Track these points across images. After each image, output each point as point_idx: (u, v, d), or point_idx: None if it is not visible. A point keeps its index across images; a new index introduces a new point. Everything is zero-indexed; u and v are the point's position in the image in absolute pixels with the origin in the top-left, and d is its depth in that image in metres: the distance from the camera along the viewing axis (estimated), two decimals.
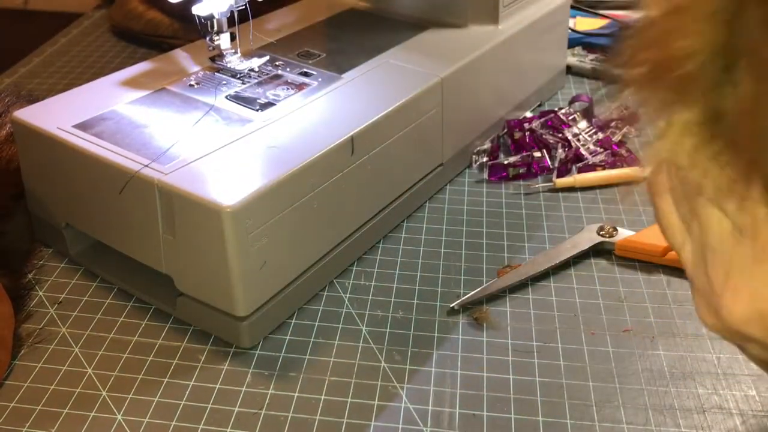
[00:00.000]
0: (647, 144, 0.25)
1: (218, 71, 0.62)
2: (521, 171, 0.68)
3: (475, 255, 0.59)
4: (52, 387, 0.48)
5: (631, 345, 0.50)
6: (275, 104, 0.57)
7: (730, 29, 0.22)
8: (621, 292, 0.55)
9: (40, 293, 0.56)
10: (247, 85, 0.60)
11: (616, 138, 0.71)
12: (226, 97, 0.58)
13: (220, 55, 0.62)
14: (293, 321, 0.53)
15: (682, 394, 0.47)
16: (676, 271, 0.56)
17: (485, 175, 0.68)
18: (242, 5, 0.60)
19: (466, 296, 0.54)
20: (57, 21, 1.07)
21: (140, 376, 0.49)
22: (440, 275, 0.57)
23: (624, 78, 0.26)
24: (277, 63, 0.63)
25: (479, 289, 0.54)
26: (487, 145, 0.70)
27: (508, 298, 0.55)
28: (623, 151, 0.69)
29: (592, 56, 0.89)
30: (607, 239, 0.58)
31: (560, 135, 0.71)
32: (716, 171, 0.24)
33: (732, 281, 0.25)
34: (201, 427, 0.45)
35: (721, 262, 0.25)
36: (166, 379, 0.48)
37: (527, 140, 0.70)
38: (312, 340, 0.51)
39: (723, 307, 0.25)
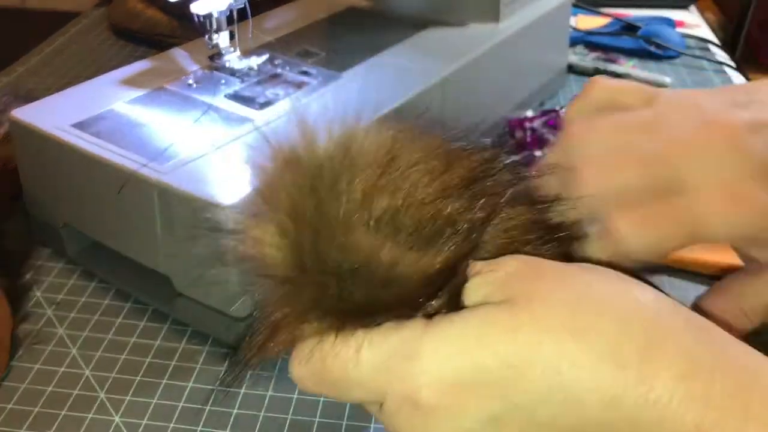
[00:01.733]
0: None
1: (217, 70, 0.61)
2: None
3: None
4: (50, 388, 0.48)
5: None
6: (274, 103, 0.56)
7: None
8: None
9: (38, 294, 0.55)
10: (247, 83, 0.59)
11: None
12: (225, 96, 0.57)
13: (219, 54, 0.61)
14: None
15: None
16: (676, 271, 0.56)
17: None
18: (241, 4, 0.59)
19: None
20: (55, 20, 1.07)
21: (138, 378, 0.48)
22: None
23: None
24: (276, 62, 0.63)
25: None
26: None
27: None
28: None
29: (593, 55, 0.89)
30: None
31: None
32: None
33: None
34: (200, 429, 0.45)
35: None
36: (164, 381, 0.48)
37: (528, 140, 0.70)
38: None
39: None
